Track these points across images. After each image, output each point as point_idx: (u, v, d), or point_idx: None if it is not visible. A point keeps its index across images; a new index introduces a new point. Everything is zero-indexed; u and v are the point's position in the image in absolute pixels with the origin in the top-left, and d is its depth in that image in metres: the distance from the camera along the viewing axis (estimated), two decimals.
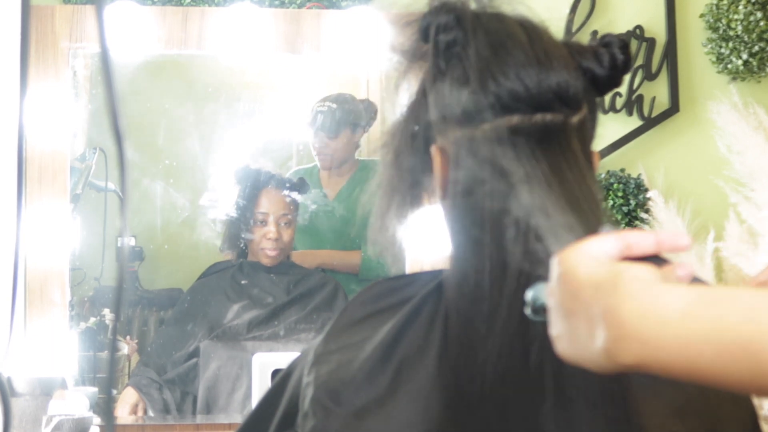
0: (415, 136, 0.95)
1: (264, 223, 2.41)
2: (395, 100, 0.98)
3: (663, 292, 0.62)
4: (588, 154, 0.89)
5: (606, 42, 0.92)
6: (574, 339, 0.67)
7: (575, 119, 0.88)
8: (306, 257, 2.51)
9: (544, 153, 0.86)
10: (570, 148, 0.87)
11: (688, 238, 0.71)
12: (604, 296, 0.64)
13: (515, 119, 0.86)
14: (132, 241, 2.43)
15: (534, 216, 0.84)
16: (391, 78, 0.98)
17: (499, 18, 0.91)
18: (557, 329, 0.69)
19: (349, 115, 2.51)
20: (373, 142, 2.55)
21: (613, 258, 0.67)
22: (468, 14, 0.90)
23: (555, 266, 0.70)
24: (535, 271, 0.85)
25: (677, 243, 0.70)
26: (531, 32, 0.90)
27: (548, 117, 0.86)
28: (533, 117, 0.86)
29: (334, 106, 2.50)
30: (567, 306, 0.67)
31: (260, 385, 1.92)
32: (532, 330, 0.83)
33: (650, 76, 2.47)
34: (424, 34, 0.91)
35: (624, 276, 0.64)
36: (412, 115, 0.96)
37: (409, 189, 0.96)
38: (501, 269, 0.85)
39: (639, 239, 0.69)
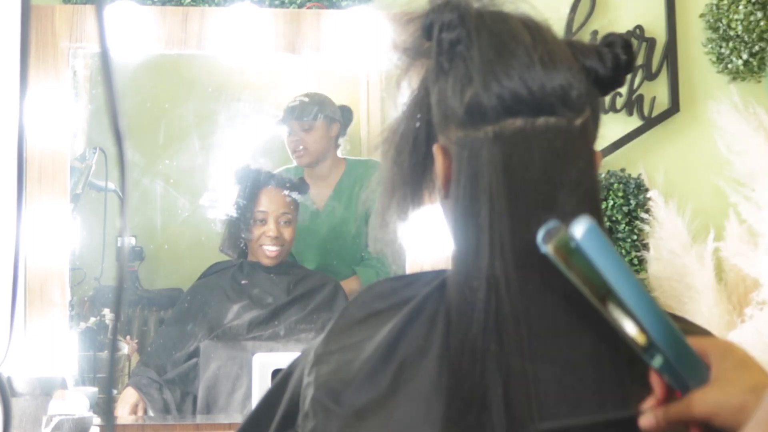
0: (416, 134, 0.95)
1: (264, 222, 2.40)
2: (397, 97, 0.98)
3: None
4: (590, 155, 0.89)
5: (609, 42, 0.92)
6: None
7: (578, 122, 0.87)
8: None
9: (547, 155, 0.86)
10: (573, 151, 0.87)
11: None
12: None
13: (518, 122, 0.86)
14: (132, 241, 2.43)
15: (533, 218, 0.84)
16: (393, 75, 0.98)
17: (503, 17, 0.90)
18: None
19: (323, 106, 2.51)
20: (373, 140, 2.55)
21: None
22: (471, 13, 0.90)
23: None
24: (536, 270, 0.85)
25: None
26: (534, 32, 0.89)
27: (552, 120, 0.86)
28: (537, 120, 0.86)
29: (306, 99, 2.50)
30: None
31: (260, 385, 1.92)
32: (534, 330, 0.83)
33: (650, 76, 2.47)
34: (427, 32, 0.91)
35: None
36: (414, 113, 0.95)
37: (410, 186, 0.96)
38: (503, 270, 0.85)
39: None
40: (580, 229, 0.79)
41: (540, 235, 0.81)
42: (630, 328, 0.83)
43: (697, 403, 0.81)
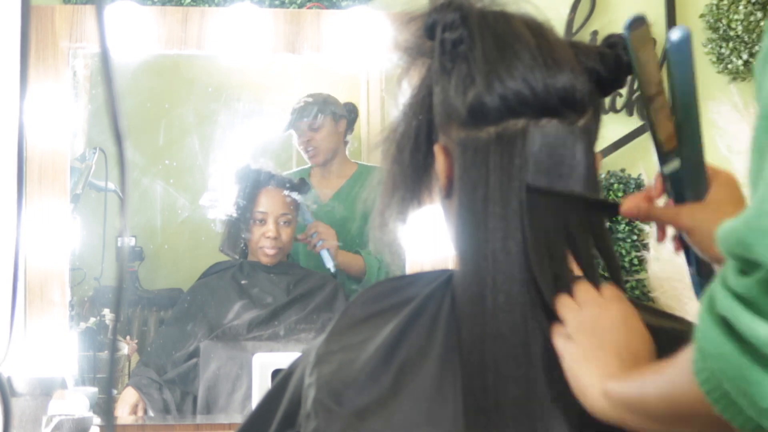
0: (417, 133, 0.95)
1: (263, 222, 2.41)
2: (398, 97, 0.98)
3: None
4: (591, 156, 0.89)
5: (610, 43, 0.92)
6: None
7: (581, 123, 0.87)
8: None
9: (550, 157, 0.86)
10: (574, 152, 0.87)
11: None
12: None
13: (521, 124, 0.86)
14: (132, 241, 2.43)
15: (532, 219, 0.84)
16: (394, 75, 0.98)
17: (505, 18, 0.90)
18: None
19: (327, 104, 2.52)
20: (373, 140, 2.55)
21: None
22: (474, 13, 0.89)
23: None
24: (538, 271, 0.85)
25: None
26: (537, 33, 0.89)
27: (554, 122, 0.86)
28: (540, 122, 0.86)
29: (310, 99, 2.52)
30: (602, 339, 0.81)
31: (260, 386, 1.92)
32: (539, 330, 0.83)
33: None
34: (429, 32, 0.90)
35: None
36: (415, 112, 0.95)
37: (410, 186, 0.96)
38: (505, 270, 0.85)
39: None
40: (677, 33, 0.84)
41: (627, 20, 0.86)
42: (664, 130, 0.88)
43: (686, 214, 0.88)
